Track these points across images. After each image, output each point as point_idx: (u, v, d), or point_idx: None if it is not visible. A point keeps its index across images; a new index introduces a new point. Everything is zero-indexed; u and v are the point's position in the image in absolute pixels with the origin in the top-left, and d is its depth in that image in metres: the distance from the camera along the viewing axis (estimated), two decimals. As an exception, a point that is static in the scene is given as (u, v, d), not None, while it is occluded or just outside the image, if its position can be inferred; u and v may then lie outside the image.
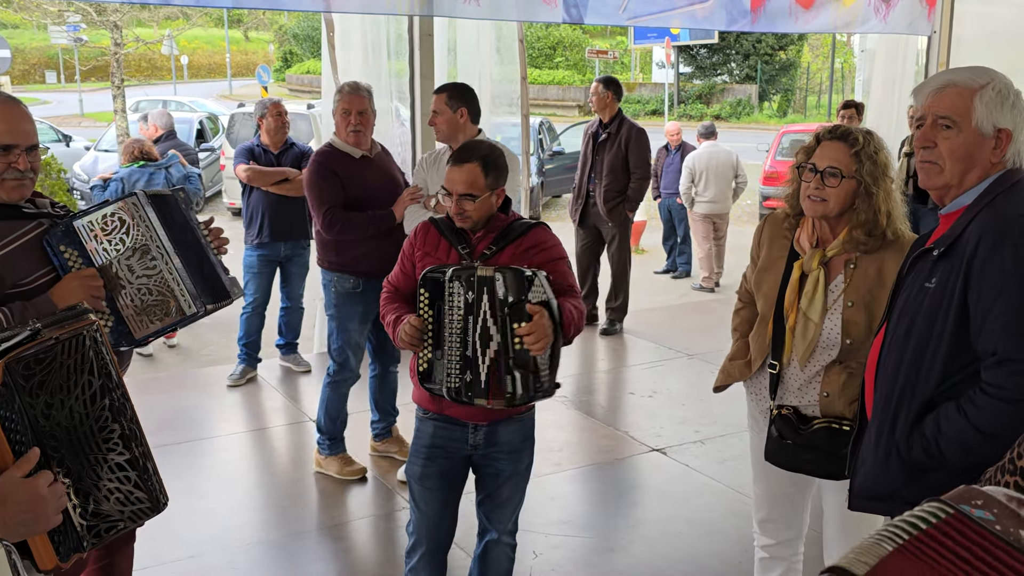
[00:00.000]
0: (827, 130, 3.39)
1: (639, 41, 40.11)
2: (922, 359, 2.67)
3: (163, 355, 8.56)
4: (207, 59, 62.40)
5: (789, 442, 3.33)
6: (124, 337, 3.31)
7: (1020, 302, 2.49)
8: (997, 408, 2.50)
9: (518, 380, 3.32)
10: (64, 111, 38.35)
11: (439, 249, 3.63)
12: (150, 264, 3.30)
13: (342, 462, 5.77)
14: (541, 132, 19.60)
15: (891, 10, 9.26)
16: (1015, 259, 2.50)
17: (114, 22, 21.06)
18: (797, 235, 3.47)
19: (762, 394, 3.58)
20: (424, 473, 3.70)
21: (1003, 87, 2.67)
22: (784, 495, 3.71)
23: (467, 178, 3.52)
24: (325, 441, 5.78)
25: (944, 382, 2.64)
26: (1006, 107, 2.65)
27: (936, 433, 2.61)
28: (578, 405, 7.11)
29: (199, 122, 21.96)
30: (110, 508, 2.42)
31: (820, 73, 44.52)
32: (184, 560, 4.81)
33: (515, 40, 8.82)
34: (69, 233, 3.24)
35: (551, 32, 47.46)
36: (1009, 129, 2.66)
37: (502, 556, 3.84)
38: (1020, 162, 2.71)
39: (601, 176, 8.86)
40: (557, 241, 3.68)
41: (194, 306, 3.33)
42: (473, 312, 3.36)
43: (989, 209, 2.61)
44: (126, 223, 3.30)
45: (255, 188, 7.45)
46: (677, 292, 12.04)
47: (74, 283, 3.18)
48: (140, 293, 3.29)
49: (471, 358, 3.39)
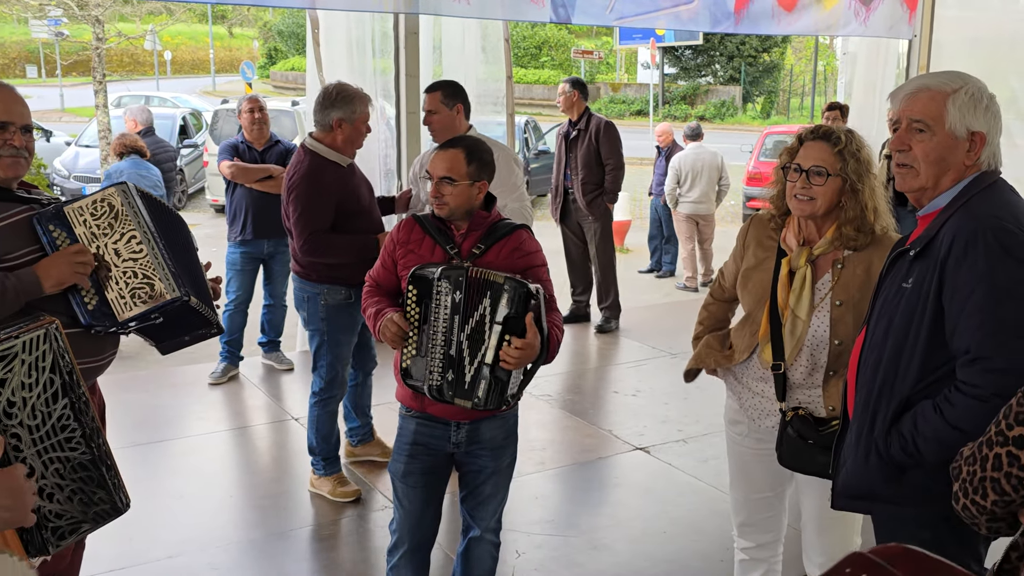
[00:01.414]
0: (809, 130, 3.43)
1: (624, 42, 40.19)
2: (899, 358, 2.71)
3: (144, 353, 8.51)
4: (190, 55, 62.22)
5: (811, 442, 3.32)
6: (107, 318, 3.33)
7: (991, 301, 2.52)
8: (971, 406, 2.54)
9: (490, 389, 3.38)
10: (45, 106, 38.13)
11: (422, 246, 3.62)
12: (136, 248, 3.35)
13: (336, 482, 5.52)
14: (527, 131, 19.67)
15: (871, 14, 9.31)
16: (987, 259, 2.54)
17: (96, 16, 20.92)
18: (783, 235, 3.49)
19: (753, 394, 3.57)
20: (407, 470, 3.70)
21: (976, 91, 2.70)
22: (763, 499, 3.72)
23: (448, 162, 3.54)
24: (319, 461, 5.54)
25: (921, 381, 2.67)
26: (979, 110, 2.69)
27: (913, 431, 2.64)
28: (562, 404, 7.11)
29: (182, 118, 21.93)
30: (73, 509, 2.39)
31: (803, 75, 44.73)
32: (163, 560, 4.78)
33: (501, 39, 8.82)
34: (60, 216, 3.31)
35: (537, 32, 47.46)
36: (983, 132, 2.70)
37: (485, 554, 3.84)
38: (996, 164, 2.74)
39: (576, 171, 9.05)
40: (538, 247, 3.71)
41: (178, 291, 3.36)
42: (461, 312, 3.37)
43: (963, 210, 2.65)
44: (115, 208, 3.37)
45: (239, 185, 7.43)
46: (661, 291, 12.06)
47: (60, 259, 3.23)
48: (125, 276, 3.33)
49: (454, 358, 3.40)
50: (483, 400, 3.38)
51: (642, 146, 23.31)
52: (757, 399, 3.56)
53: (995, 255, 2.53)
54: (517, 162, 5.75)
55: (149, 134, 9.39)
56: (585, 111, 9.12)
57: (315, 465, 5.56)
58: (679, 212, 11.90)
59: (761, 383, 3.54)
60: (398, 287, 3.65)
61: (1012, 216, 2.61)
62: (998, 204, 2.65)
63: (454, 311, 3.37)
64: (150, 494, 5.49)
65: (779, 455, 3.43)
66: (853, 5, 9.14)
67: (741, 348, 3.59)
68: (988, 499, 2.06)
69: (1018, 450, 1.97)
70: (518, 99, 17.97)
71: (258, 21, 59.86)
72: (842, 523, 3.52)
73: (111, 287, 3.31)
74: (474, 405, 3.41)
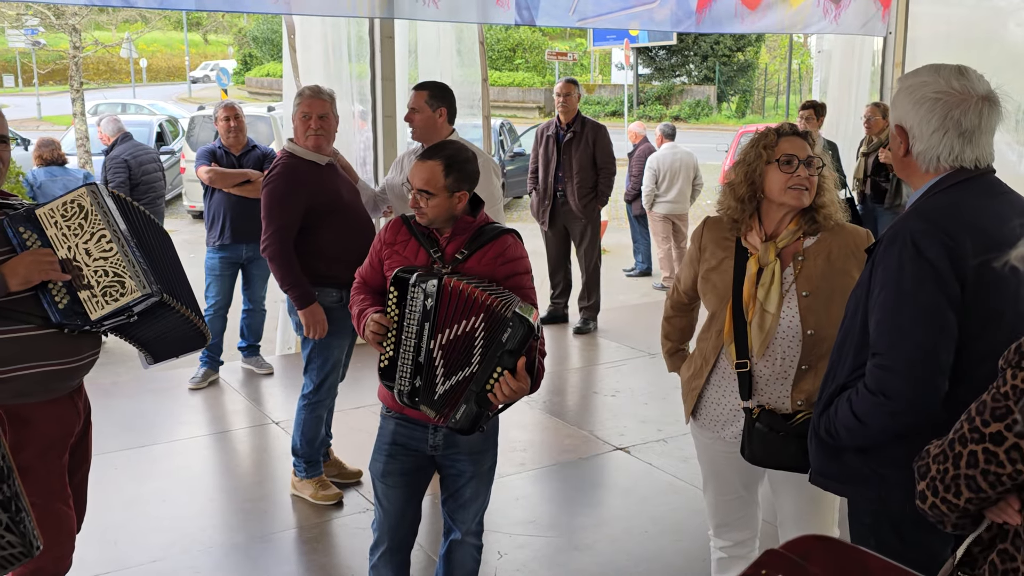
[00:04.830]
0: (783, 127, 3.51)
1: (598, 43, 40.24)
2: (843, 348, 2.82)
3: (125, 358, 8.48)
4: (166, 62, 62.01)
5: (782, 434, 3.35)
6: (79, 316, 3.35)
7: (894, 301, 2.59)
8: (865, 398, 2.65)
9: (470, 414, 3.37)
10: (22, 115, 37.89)
11: (407, 248, 3.63)
12: (107, 247, 3.36)
13: (318, 485, 5.50)
14: (502, 134, 19.66)
15: (842, 11, 9.36)
16: (899, 261, 2.59)
17: (73, 25, 20.87)
18: (744, 235, 3.50)
19: (723, 395, 3.60)
20: (386, 470, 3.71)
21: (915, 84, 2.70)
22: (737, 498, 3.75)
23: (426, 174, 3.53)
24: (301, 464, 5.51)
25: (856, 370, 2.75)
26: (908, 103, 2.70)
27: (834, 416, 2.78)
28: (542, 405, 7.13)
29: (159, 125, 21.82)
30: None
31: (778, 74, 44.85)
32: (146, 564, 4.78)
33: (475, 42, 8.85)
34: (31, 218, 3.32)
35: (511, 34, 47.53)
36: (902, 125, 2.73)
37: (467, 556, 3.85)
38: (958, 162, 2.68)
39: (571, 175, 9.01)
40: (524, 253, 3.68)
41: (148, 287, 3.37)
42: (432, 320, 3.36)
43: (907, 211, 2.74)
44: (84, 209, 3.39)
45: (216, 190, 7.43)
46: (639, 291, 12.09)
47: (28, 258, 3.26)
48: (96, 275, 3.35)
49: (423, 364, 3.40)
50: (459, 424, 3.39)
51: (617, 147, 23.31)
52: (737, 401, 3.56)
53: (907, 255, 2.57)
54: (496, 172, 5.71)
55: (127, 139, 9.42)
56: (578, 112, 9.14)
57: (297, 467, 5.54)
58: (655, 213, 11.93)
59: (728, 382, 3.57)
60: (384, 286, 3.66)
61: (944, 218, 2.60)
62: (939, 205, 2.65)
63: (424, 318, 3.37)
64: (133, 499, 5.49)
65: (750, 453, 3.43)
66: (822, 3, 9.19)
67: (708, 352, 3.60)
68: (962, 497, 2.08)
69: (995, 447, 1.99)
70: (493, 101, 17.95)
71: (233, 28, 59.67)
72: (819, 519, 3.54)
73: (83, 286, 3.33)
74: (450, 425, 3.42)
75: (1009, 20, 9.27)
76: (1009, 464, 1.98)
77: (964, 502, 2.09)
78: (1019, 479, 1.99)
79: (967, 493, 2.07)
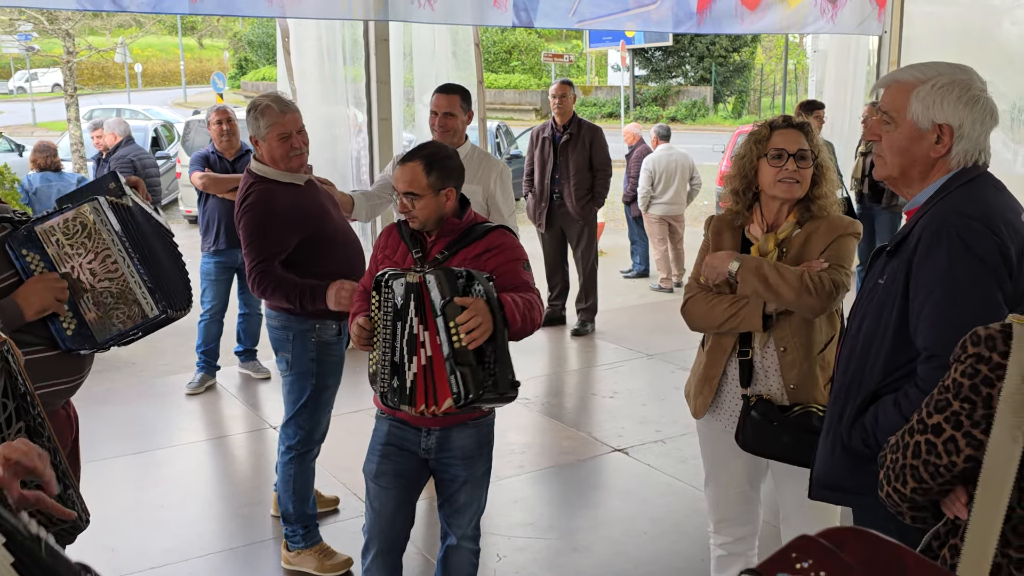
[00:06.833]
0: (777, 120, 3.58)
1: (594, 44, 40.31)
2: (868, 353, 2.74)
3: (121, 365, 8.48)
4: (161, 67, 61.91)
5: (776, 424, 3.36)
6: (87, 340, 3.32)
7: (949, 300, 2.54)
8: (921, 400, 2.55)
9: (467, 377, 3.25)
10: (17, 120, 37.93)
11: (398, 252, 3.65)
12: (112, 267, 3.33)
13: (321, 556, 4.71)
14: (498, 136, 19.65)
15: (839, 11, 9.37)
16: (949, 258, 2.54)
17: (66, 30, 20.84)
18: (747, 227, 3.59)
19: (730, 383, 3.63)
20: (379, 471, 3.70)
21: (948, 83, 2.67)
22: (738, 492, 3.76)
23: (408, 176, 3.51)
24: (298, 532, 4.72)
25: (887, 376, 2.69)
26: (948, 102, 2.66)
27: (874, 424, 2.67)
28: (540, 407, 7.12)
29: (154, 130, 21.81)
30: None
31: (774, 74, 44.89)
32: (145, 571, 4.77)
33: (471, 44, 8.85)
34: (32, 238, 3.26)
35: (507, 36, 47.50)
36: (949, 124, 2.67)
37: (464, 561, 3.83)
38: (979, 159, 2.71)
39: (568, 176, 9.00)
40: (516, 243, 3.65)
41: (156, 308, 3.36)
42: (401, 318, 3.35)
43: (936, 208, 2.66)
44: (87, 227, 3.33)
45: (211, 195, 7.42)
46: (636, 293, 12.08)
47: (39, 285, 3.20)
48: (102, 296, 3.32)
49: (398, 364, 3.39)
50: (464, 392, 3.25)
51: (614, 148, 23.32)
52: (737, 399, 3.59)
53: (957, 253, 2.53)
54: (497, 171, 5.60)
55: (129, 143, 9.44)
56: (574, 115, 9.13)
57: (291, 538, 4.76)
58: (651, 214, 11.91)
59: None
60: None
61: (982, 214, 2.59)
62: (971, 201, 2.64)
63: (395, 317, 3.37)
64: (131, 506, 5.48)
65: (743, 440, 3.48)
66: (819, 3, 9.20)
67: (725, 342, 3.63)
68: (908, 487, 2.10)
69: (935, 438, 2.01)
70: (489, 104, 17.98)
71: (228, 32, 59.61)
72: (824, 515, 3.55)
73: (89, 308, 3.29)
74: (456, 400, 3.27)
75: (1004, 19, 9.27)
76: (945, 455, 1.99)
77: (910, 492, 2.11)
78: (955, 471, 1.99)
79: (911, 483, 2.09)
